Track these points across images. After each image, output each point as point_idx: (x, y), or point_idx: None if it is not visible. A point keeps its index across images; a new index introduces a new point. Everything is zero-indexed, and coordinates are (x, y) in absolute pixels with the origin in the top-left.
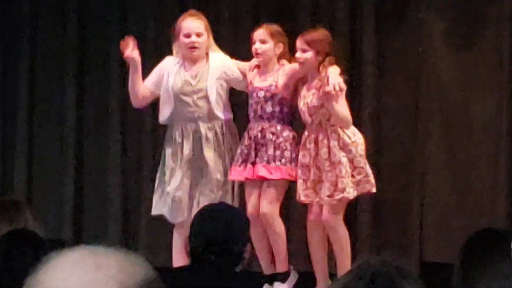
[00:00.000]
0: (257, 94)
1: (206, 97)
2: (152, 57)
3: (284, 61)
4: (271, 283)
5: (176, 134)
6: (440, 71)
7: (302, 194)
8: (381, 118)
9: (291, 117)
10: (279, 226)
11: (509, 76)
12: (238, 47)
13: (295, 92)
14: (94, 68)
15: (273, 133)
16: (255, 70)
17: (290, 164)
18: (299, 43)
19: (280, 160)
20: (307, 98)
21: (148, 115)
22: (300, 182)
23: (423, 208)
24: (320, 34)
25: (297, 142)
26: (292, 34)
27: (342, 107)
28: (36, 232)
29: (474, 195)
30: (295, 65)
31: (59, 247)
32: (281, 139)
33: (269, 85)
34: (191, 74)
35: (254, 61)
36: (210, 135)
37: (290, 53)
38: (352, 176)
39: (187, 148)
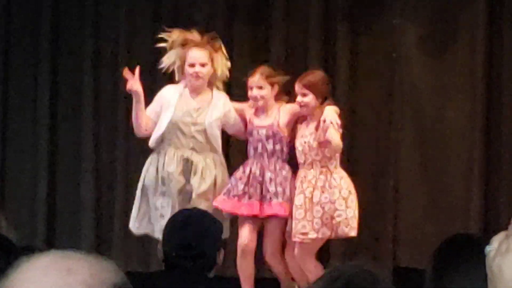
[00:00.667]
0: (258, 132)
1: (204, 131)
2: (125, 63)
3: (283, 100)
4: None
5: (166, 158)
6: (414, 77)
7: (297, 235)
8: (354, 124)
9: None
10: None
11: (483, 82)
12: None
13: (292, 131)
14: (67, 69)
15: (272, 171)
16: (253, 109)
17: (287, 202)
18: (298, 87)
19: (282, 197)
20: (305, 138)
21: (121, 121)
22: (294, 223)
23: (397, 214)
24: (317, 76)
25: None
26: (265, 37)
27: (335, 135)
28: (7, 237)
29: (448, 201)
30: (295, 105)
31: (30, 252)
32: (281, 177)
33: (270, 123)
34: (193, 106)
35: (251, 104)
36: (200, 165)
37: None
38: (332, 218)
39: (175, 174)
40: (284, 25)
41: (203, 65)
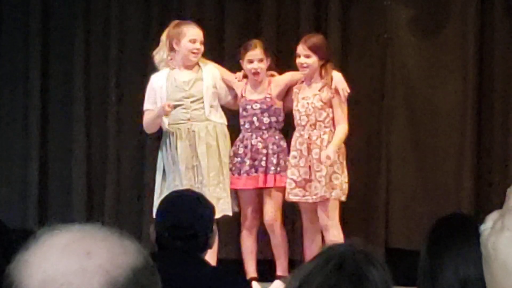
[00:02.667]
0: (252, 107)
1: (200, 101)
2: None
3: (272, 73)
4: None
5: (171, 138)
6: (405, 58)
7: (291, 193)
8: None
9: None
10: (283, 232)
11: (474, 63)
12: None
13: (287, 95)
14: (59, 54)
15: (273, 143)
16: (243, 82)
17: (285, 171)
18: (302, 49)
19: (282, 168)
20: (307, 99)
21: (112, 104)
22: (288, 182)
23: (389, 195)
24: (320, 39)
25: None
26: (257, 14)
27: (344, 110)
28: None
29: (439, 181)
30: (285, 76)
31: (25, 236)
32: (280, 149)
33: (263, 97)
34: (183, 79)
35: (239, 74)
36: (203, 133)
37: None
38: (330, 179)
39: (181, 148)
40: (275, 3)
41: (202, 43)
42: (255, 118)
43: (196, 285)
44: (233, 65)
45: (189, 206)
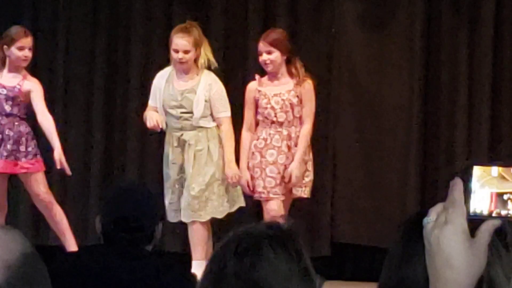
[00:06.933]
0: None
1: (190, 113)
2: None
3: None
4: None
5: (166, 141)
6: (352, 53)
7: (272, 191)
8: None
9: None
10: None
11: (420, 59)
12: (151, 43)
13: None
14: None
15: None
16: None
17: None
18: (263, 45)
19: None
20: (282, 96)
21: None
22: (268, 181)
23: (334, 190)
24: (280, 33)
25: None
26: (205, 15)
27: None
28: None
29: (385, 177)
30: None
31: None
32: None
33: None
34: (179, 89)
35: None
36: (193, 141)
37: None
38: (303, 177)
39: (172, 155)
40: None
41: (185, 52)
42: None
43: (141, 277)
44: None
45: (135, 198)
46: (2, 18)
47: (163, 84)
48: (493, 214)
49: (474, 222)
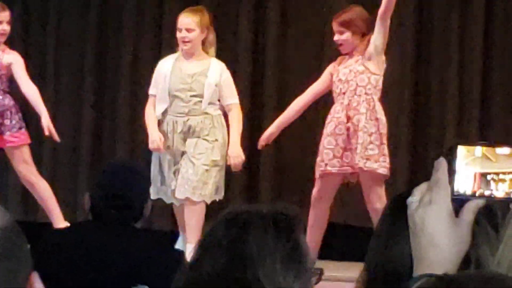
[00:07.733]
0: None
1: (199, 96)
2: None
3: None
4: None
5: (167, 128)
6: None
7: (329, 164)
8: (285, 79)
9: None
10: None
11: (412, 36)
12: (143, 21)
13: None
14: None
15: None
16: None
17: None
18: (335, 25)
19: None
20: (350, 67)
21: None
22: (326, 152)
23: None
24: (353, 13)
25: None
26: None
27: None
28: None
29: None
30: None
31: None
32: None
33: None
34: (188, 72)
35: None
36: (198, 128)
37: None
38: (365, 149)
39: (175, 141)
40: None
41: (188, 30)
42: None
43: (129, 254)
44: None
45: (124, 176)
46: None
47: (169, 68)
48: (477, 194)
49: (458, 201)
